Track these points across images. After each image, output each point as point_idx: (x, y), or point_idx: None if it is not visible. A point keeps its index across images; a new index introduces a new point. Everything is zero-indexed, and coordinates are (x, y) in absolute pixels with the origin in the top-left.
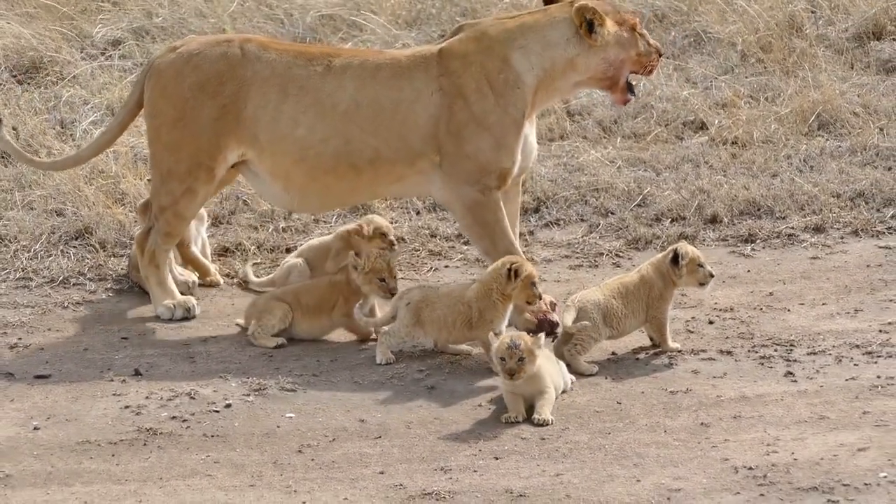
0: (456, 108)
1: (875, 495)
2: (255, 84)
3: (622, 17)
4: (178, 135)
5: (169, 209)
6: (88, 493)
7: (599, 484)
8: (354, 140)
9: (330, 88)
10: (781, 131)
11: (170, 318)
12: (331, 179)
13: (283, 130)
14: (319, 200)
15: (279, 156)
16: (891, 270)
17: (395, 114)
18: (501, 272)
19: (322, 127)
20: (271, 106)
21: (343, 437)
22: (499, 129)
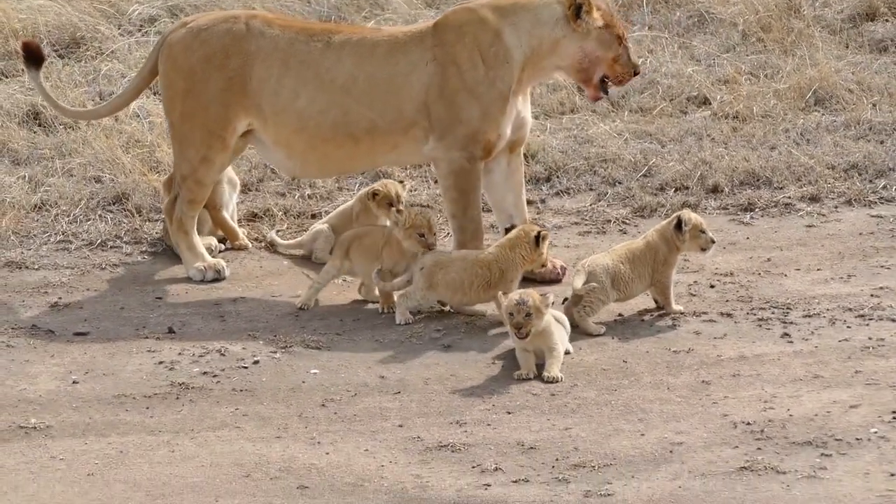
0: (449, 75)
1: (866, 450)
2: (258, 58)
3: (613, 20)
4: (189, 106)
5: (189, 177)
6: (124, 444)
7: (606, 437)
8: (352, 112)
9: (329, 63)
10: (780, 106)
11: (201, 280)
12: (330, 148)
13: (284, 102)
14: (319, 167)
15: (281, 126)
16: (882, 238)
17: (389, 87)
18: (530, 239)
19: (321, 99)
20: (274, 79)
21: (364, 392)
22: (486, 99)
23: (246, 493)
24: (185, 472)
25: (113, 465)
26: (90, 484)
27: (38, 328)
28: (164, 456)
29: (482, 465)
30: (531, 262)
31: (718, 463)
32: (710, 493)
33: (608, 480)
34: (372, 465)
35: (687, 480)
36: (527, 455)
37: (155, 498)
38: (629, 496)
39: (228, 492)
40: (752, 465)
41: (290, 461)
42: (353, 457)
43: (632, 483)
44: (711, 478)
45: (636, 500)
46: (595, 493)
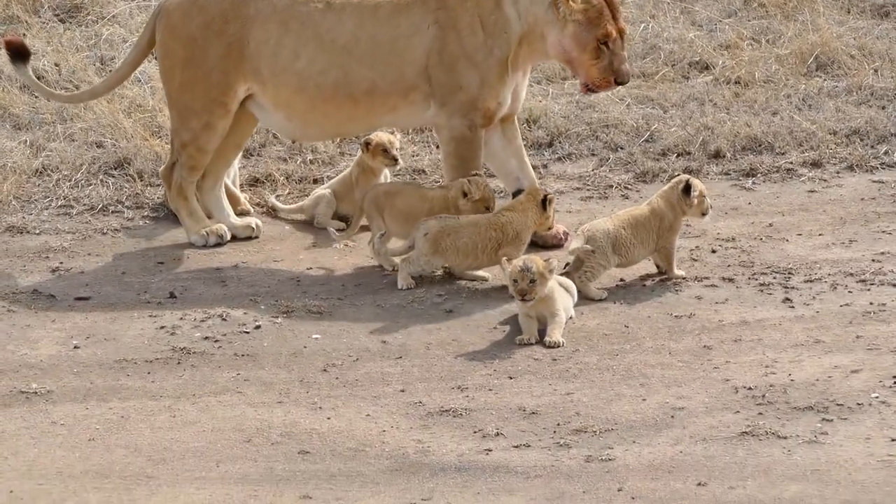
0: (449, 41)
1: (867, 414)
2: (257, 21)
3: (600, 20)
4: (190, 73)
5: (191, 144)
6: (125, 409)
7: (607, 402)
8: (352, 72)
9: (329, 24)
10: (782, 72)
11: (204, 245)
12: (330, 108)
13: (284, 63)
14: (319, 128)
15: (281, 87)
16: (884, 203)
17: (392, 48)
18: (537, 201)
19: (321, 59)
20: (273, 41)
21: (366, 357)
22: (485, 67)
23: (247, 458)
24: (187, 437)
25: (114, 430)
26: (91, 449)
27: (39, 293)
28: (165, 421)
29: (484, 430)
30: (539, 226)
31: (720, 428)
32: (712, 457)
33: (609, 445)
34: (373, 430)
35: (688, 445)
36: (528, 420)
37: (156, 463)
38: (630, 461)
39: (230, 457)
40: (754, 430)
41: (292, 426)
42: (354, 422)
43: (633, 448)
44: (713, 442)
45: (637, 465)
46: (596, 457)
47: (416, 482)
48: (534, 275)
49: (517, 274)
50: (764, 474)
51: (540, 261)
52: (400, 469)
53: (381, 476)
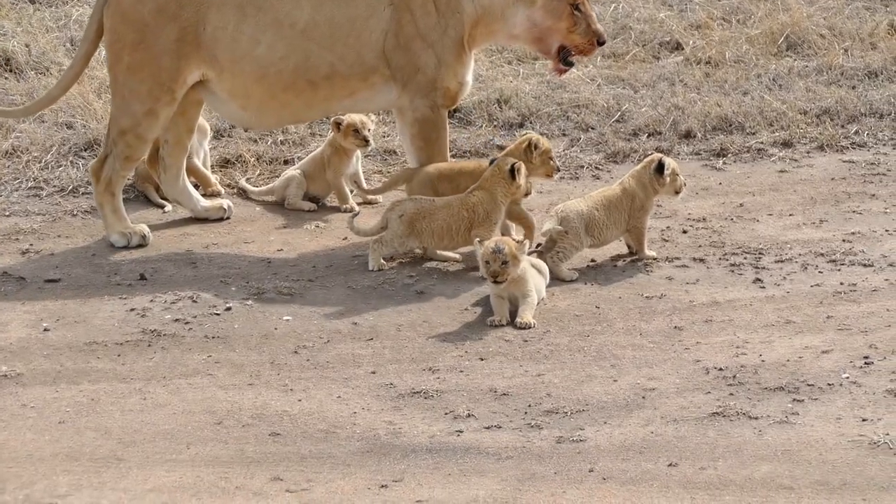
0: (404, 22)
1: (837, 395)
2: (213, 6)
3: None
4: (139, 57)
5: (130, 132)
6: (95, 391)
7: (578, 384)
8: (312, 56)
9: (287, 8)
10: (752, 52)
11: (125, 245)
12: (289, 96)
13: (243, 50)
14: (276, 117)
15: (239, 75)
16: (854, 183)
17: (350, 30)
18: (504, 174)
19: (282, 45)
20: (231, 27)
21: (337, 338)
22: (440, 46)
23: (218, 440)
24: (157, 419)
25: (84, 413)
26: (61, 431)
27: (8, 275)
28: (135, 403)
29: (455, 412)
30: (511, 195)
31: (690, 408)
32: (683, 438)
33: (580, 426)
34: (344, 412)
35: (659, 426)
36: (499, 401)
37: (126, 445)
38: (601, 442)
39: (200, 439)
40: (724, 411)
41: (263, 408)
42: (325, 403)
43: (604, 429)
44: (683, 423)
45: (608, 446)
46: (567, 438)
47: (387, 464)
48: (506, 256)
49: (489, 255)
50: (735, 455)
51: (512, 242)
52: (371, 450)
53: (352, 458)
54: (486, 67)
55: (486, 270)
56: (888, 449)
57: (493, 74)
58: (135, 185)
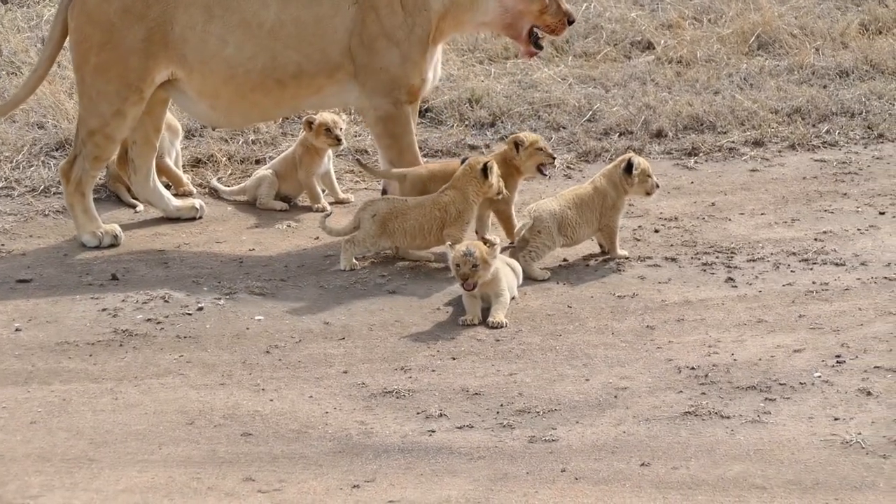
0: (369, 21)
1: (809, 394)
2: (180, 6)
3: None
4: (106, 57)
5: (99, 132)
6: (67, 391)
7: (550, 383)
8: (279, 56)
9: (255, 7)
10: (723, 51)
11: (96, 246)
12: (258, 95)
13: (212, 50)
14: (244, 116)
15: (209, 75)
16: (825, 182)
17: (315, 28)
18: (476, 172)
19: (250, 45)
20: (199, 26)
21: (309, 338)
22: (406, 45)
23: (190, 441)
24: (129, 419)
25: (56, 413)
26: (33, 432)
27: None
28: (107, 403)
29: (427, 411)
30: (484, 195)
31: (663, 408)
32: (655, 437)
33: (553, 426)
34: (316, 412)
35: (631, 425)
36: (471, 401)
37: (98, 445)
38: (573, 441)
39: (172, 439)
40: (697, 410)
41: (235, 408)
42: (297, 403)
43: (576, 428)
44: (656, 423)
45: (580, 446)
46: (539, 438)
47: (359, 463)
48: (476, 260)
49: (460, 259)
50: (707, 454)
51: (483, 246)
52: (343, 450)
53: (324, 458)
54: (458, 67)
55: (457, 273)
56: (860, 448)
57: (465, 74)
58: (106, 185)
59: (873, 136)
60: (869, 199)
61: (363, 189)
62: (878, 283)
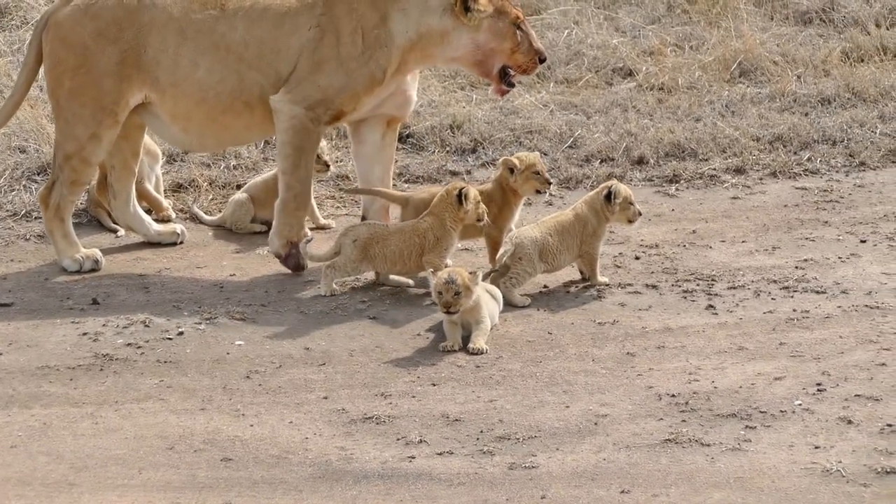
0: (325, 43)
1: (790, 422)
2: (153, 29)
3: (506, 5)
4: (80, 81)
5: (75, 156)
6: (47, 416)
7: (531, 409)
8: (245, 78)
9: (223, 29)
10: (705, 78)
11: (77, 270)
12: (229, 118)
13: (183, 73)
14: (216, 139)
15: (181, 98)
16: (806, 210)
17: (273, 49)
18: (451, 199)
19: (219, 68)
20: (171, 49)
21: (289, 363)
22: (355, 76)
23: (170, 466)
24: (109, 444)
25: (36, 437)
26: (13, 456)
27: None
28: (87, 428)
29: (407, 437)
30: (461, 221)
31: (643, 435)
32: (635, 465)
33: (533, 452)
34: (296, 438)
35: (611, 452)
36: (451, 427)
37: (79, 470)
38: (554, 468)
39: (152, 464)
40: (677, 438)
41: (215, 433)
42: (277, 429)
43: (556, 455)
44: (636, 450)
45: (561, 473)
46: (519, 465)
47: (339, 489)
48: (459, 287)
49: (442, 286)
50: (687, 482)
51: (465, 273)
52: (323, 476)
53: (304, 483)
54: (439, 93)
55: (439, 301)
56: (841, 476)
57: (446, 100)
58: (87, 210)
59: (855, 164)
60: (850, 228)
61: (344, 215)
62: (859, 312)
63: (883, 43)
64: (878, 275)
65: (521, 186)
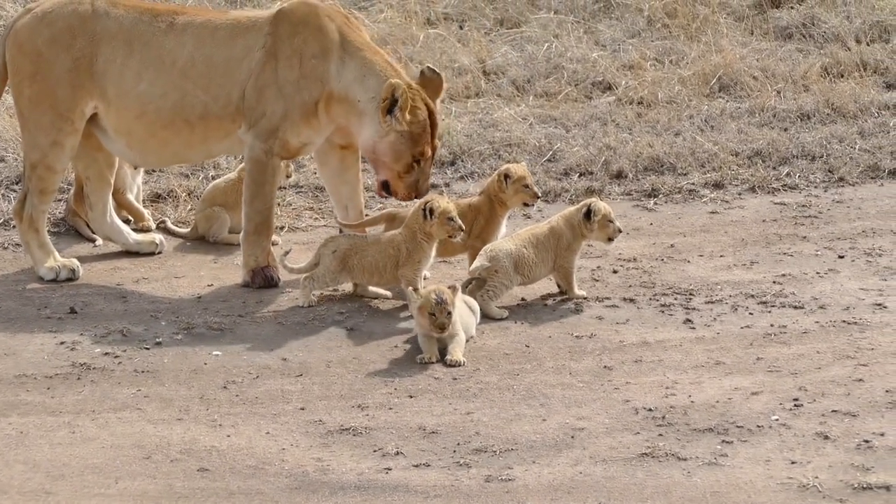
0: (267, 67)
1: (767, 437)
2: (104, 39)
3: (419, 137)
4: (37, 89)
5: (40, 164)
6: (24, 424)
7: (507, 422)
8: (188, 95)
9: (171, 45)
10: (684, 93)
11: (53, 279)
12: (168, 134)
13: (127, 85)
14: (157, 156)
15: (123, 110)
16: (785, 225)
17: (224, 71)
18: (419, 212)
19: (161, 82)
20: (119, 61)
21: (266, 374)
22: (291, 102)
23: (146, 475)
24: (86, 453)
25: (13, 446)
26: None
27: None
28: (64, 437)
29: (383, 449)
30: (430, 236)
31: (619, 449)
32: (611, 478)
33: (509, 465)
34: (273, 448)
35: (588, 466)
36: (428, 439)
37: (55, 479)
38: (530, 481)
39: (129, 473)
40: (654, 452)
41: (191, 443)
42: (254, 439)
43: (533, 468)
44: (612, 463)
45: (537, 486)
46: (496, 477)
47: (315, 501)
48: (450, 306)
49: (435, 308)
50: (664, 496)
51: (447, 290)
52: (299, 487)
53: (280, 494)
54: None
55: (433, 323)
56: (817, 492)
57: None
58: (65, 219)
59: (833, 180)
60: (828, 243)
61: (322, 226)
62: (837, 327)
63: (863, 59)
64: (855, 290)
65: (511, 198)
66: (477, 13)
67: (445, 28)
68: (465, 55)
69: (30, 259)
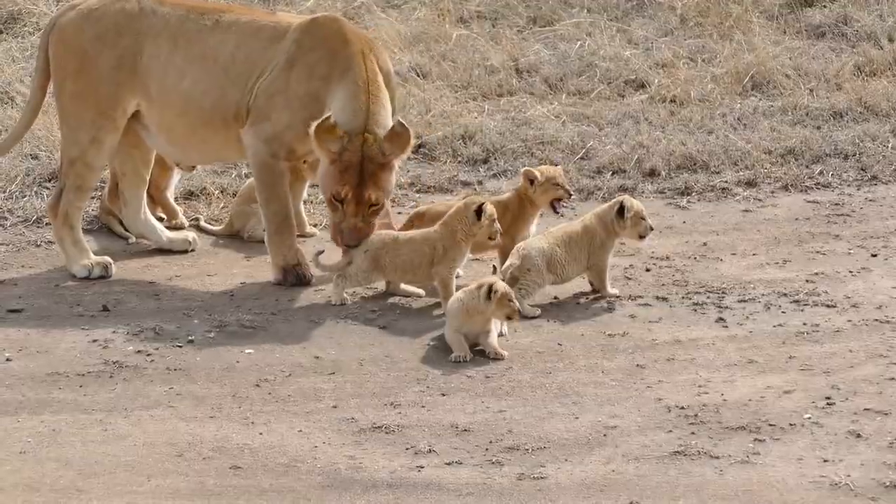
0: (282, 75)
1: (799, 435)
2: (149, 36)
3: (342, 176)
4: (80, 85)
5: (79, 160)
6: (57, 422)
7: (540, 420)
8: (227, 94)
9: (214, 42)
10: (717, 91)
11: (86, 277)
12: (208, 132)
13: (171, 82)
14: (199, 153)
15: (165, 108)
16: (818, 224)
17: (261, 72)
18: (468, 213)
19: (205, 80)
20: (163, 58)
21: (299, 372)
22: (297, 112)
23: (178, 473)
24: (118, 450)
25: (45, 444)
26: (22, 462)
27: None
28: (96, 434)
29: (416, 447)
30: (472, 236)
31: (652, 447)
32: (644, 476)
33: (542, 463)
34: (305, 446)
35: (620, 464)
36: (460, 437)
37: (87, 477)
38: (562, 479)
39: (161, 471)
40: (686, 450)
41: (224, 441)
42: (286, 437)
43: (565, 466)
44: (645, 462)
45: (569, 484)
46: (528, 475)
47: (347, 498)
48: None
49: (505, 300)
50: (696, 494)
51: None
52: (332, 485)
53: (312, 492)
54: (451, 103)
55: (507, 311)
56: (849, 490)
57: (458, 110)
58: (99, 217)
59: (866, 178)
60: (861, 241)
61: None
62: (869, 326)
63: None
64: (888, 289)
65: (539, 197)
66: (510, 11)
67: (478, 26)
68: (497, 53)
69: (63, 256)
